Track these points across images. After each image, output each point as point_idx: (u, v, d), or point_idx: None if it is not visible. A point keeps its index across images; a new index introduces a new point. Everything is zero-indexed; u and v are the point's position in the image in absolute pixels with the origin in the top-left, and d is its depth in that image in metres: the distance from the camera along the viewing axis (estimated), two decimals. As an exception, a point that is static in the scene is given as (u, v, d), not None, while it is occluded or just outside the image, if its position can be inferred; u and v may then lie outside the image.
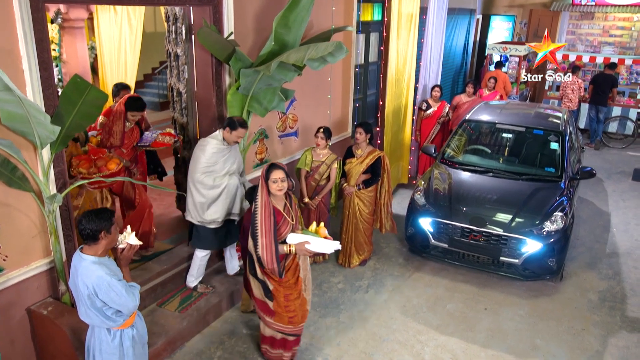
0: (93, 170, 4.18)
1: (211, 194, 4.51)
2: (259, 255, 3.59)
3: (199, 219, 4.60)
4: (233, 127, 4.46)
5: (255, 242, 3.58)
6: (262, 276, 3.75)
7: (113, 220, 2.96)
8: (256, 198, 3.61)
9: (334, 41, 4.39)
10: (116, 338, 2.98)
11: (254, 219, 3.58)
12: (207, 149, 4.46)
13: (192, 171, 4.52)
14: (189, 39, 4.94)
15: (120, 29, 7.37)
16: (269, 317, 3.89)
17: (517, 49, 11.66)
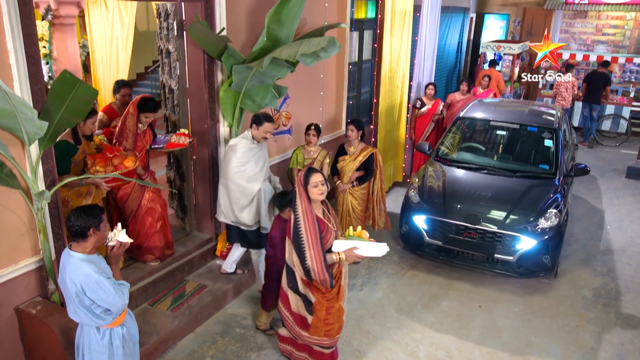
0: (110, 169, 4.06)
1: (244, 195, 4.51)
2: (307, 268, 3.37)
3: (232, 219, 4.62)
4: (259, 122, 4.48)
5: (302, 254, 3.36)
6: (305, 290, 3.53)
7: (102, 217, 2.92)
8: (295, 207, 3.41)
9: (326, 36, 4.35)
10: (106, 337, 2.94)
11: (297, 230, 3.37)
12: (238, 148, 4.48)
13: (225, 171, 4.55)
14: (180, 35, 4.90)
15: (112, 27, 7.30)
16: (303, 331, 3.68)
17: (511, 47, 11.67)
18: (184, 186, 5.42)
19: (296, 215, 3.42)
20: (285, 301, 3.72)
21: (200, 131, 5.11)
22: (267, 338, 4.48)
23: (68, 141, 4.05)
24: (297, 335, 3.71)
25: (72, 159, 4.06)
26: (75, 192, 4.11)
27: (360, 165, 5.44)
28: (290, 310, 3.68)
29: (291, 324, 3.70)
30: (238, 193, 4.53)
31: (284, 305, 3.74)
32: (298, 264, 3.44)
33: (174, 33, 4.90)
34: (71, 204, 4.09)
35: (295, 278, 3.52)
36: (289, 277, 3.60)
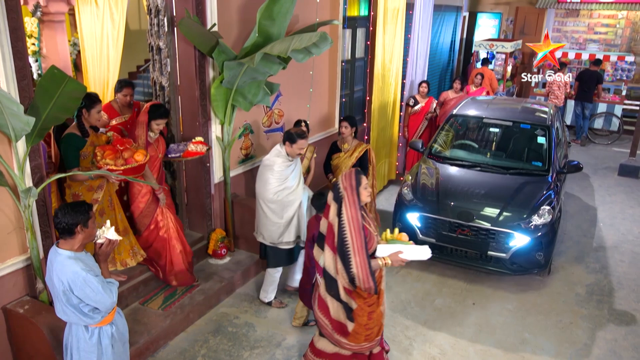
0: (120, 162, 3.94)
1: (287, 212, 4.47)
2: (352, 276, 3.18)
3: (272, 240, 4.56)
4: (292, 140, 4.42)
5: (348, 261, 3.17)
6: (347, 297, 3.33)
7: (90, 214, 2.86)
8: (340, 213, 3.21)
9: (318, 32, 4.32)
10: (94, 336, 2.88)
11: (343, 237, 3.19)
12: (275, 168, 4.43)
13: (263, 192, 4.47)
14: (171, 31, 4.84)
15: (103, 24, 7.21)
16: (343, 337, 3.45)
17: (504, 46, 11.70)
18: (176, 184, 5.37)
19: (341, 222, 3.21)
20: (323, 308, 3.50)
21: (192, 129, 5.05)
22: (262, 337, 4.44)
23: (75, 134, 3.97)
24: (336, 342, 3.50)
25: (80, 152, 3.98)
26: (87, 186, 4.05)
27: (356, 161, 5.42)
28: (329, 317, 3.47)
29: (330, 331, 3.49)
30: (280, 212, 4.46)
31: (323, 313, 3.52)
32: (342, 271, 3.24)
33: (165, 29, 4.83)
34: (82, 198, 4.02)
35: (337, 285, 3.33)
36: (329, 284, 3.38)
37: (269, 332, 4.52)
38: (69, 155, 3.95)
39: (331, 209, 3.29)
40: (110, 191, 4.29)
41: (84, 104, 3.93)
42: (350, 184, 3.23)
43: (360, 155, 5.41)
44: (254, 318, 4.71)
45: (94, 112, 4.03)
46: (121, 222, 4.39)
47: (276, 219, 4.49)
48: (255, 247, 5.44)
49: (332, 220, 3.28)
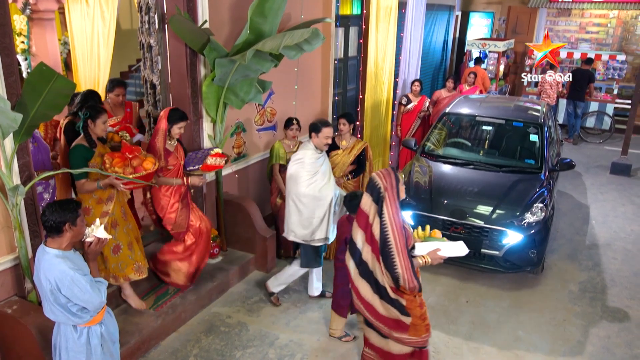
0: (129, 171, 3.83)
1: (320, 207, 4.39)
2: (396, 277, 3.12)
3: (304, 238, 4.48)
4: (317, 130, 4.38)
5: (392, 262, 3.11)
6: (395, 294, 3.25)
7: (79, 212, 2.82)
8: (382, 213, 3.12)
9: (309, 28, 4.29)
10: (83, 335, 2.84)
11: (386, 238, 3.10)
12: (305, 161, 4.39)
13: (295, 188, 4.41)
14: (162, 28, 4.79)
15: (93, 22, 7.15)
16: (403, 333, 3.36)
17: (496, 45, 11.73)
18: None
19: (383, 222, 3.11)
20: (373, 311, 3.37)
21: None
22: (255, 336, 4.41)
23: (84, 145, 3.87)
24: (398, 340, 3.39)
25: (89, 163, 3.86)
26: (96, 199, 3.96)
27: (355, 159, 5.42)
28: (383, 318, 3.36)
29: (388, 331, 3.38)
30: (313, 206, 4.39)
31: (374, 315, 3.39)
32: (386, 272, 3.18)
33: (155, 27, 4.79)
34: (92, 211, 3.94)
35: (385, 286, 3.25)
36: (376, 286, 3.29)
37: (262, 331, 4.49)
38: (77, 166, 3.82)
39: (370, 212, 3.18)
40: (122, 201, 4.19)
41: (89, 114, 3.84)
42: (390, 183, 3.14)
43: (358, 153, 5.40)
44: (246, 317, 4.67)
45: (100, 122, 3.89)
46: (133, 232, 4.30)
47: (308, 215, 4.41)
48: (248, 246, 5.43)
49: (372, 222, 3.18)
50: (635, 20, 12.54)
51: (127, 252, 4.15)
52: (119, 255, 4.12)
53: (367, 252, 3.26)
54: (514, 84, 13.30)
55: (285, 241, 5.60)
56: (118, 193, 4.07)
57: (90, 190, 3.87)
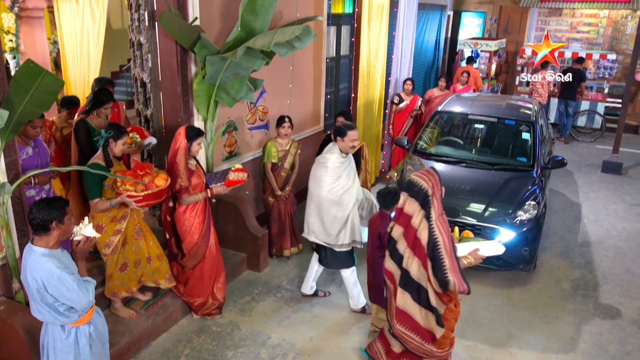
0: (140, 188, 3.76)
1: (341, 212, 4.33)
2: (447, 281, 3.03)
3: (327, 241, 4.43)
4: (342, 134, 4.33)
5: (442, 265, 3.01)
6: (437, 302, 3.17)
7: (66, 210, 2.77)
8: (430, 215, 3.03)
9: (301, 25, 4.27)
10: (71, 335, 2.79)
11: (434, 240, 3.01)
12: (328, 164, 4.34)
13: (317, 191, 4.37)
14: (152, 25, 4.75)
15: (83, 21, 7.10)
16: (433, 346, 3.28)
17: (488, 45, 11.75)
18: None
19: (431, 225, 3.01)
20: (407, 321, 3.28)
21: (174, 125, 4.94)
22: (247, 336, 4.37)
23: (99, 163, 3.80)
24: (426, 353, 3.33)
25: (104, 182, 3.81)
26: (110, 217, 3.91)
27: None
28: (417, 328, 3.26)
29: (419, 344, 3.30)
30: (334, 211, 4.33)
31: (407, 326, 3.29)
32: (432, 277, 3.10)
33: (145, 24, 4.75)
34: (105, 229, 3.90)
35: (427, 293, 3.16)
36: (418, 294, 3.18)
37: (254, 330, 4.45)
38: (92, 185, 3.77)
39: (415, 216, 3.09)
40: (138, 219, 4.13)
41: (112, 133, 3.80)
42: (436, 184, 3.08)
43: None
44: (238, 317, 4.63)
45: (120, 143, 3.88)
46: (152, 249, 4.24)
47: (329, 219, 4.35)
48: (239, 246, 5.39)
49: (417, 226, 3.09)
50: (625, 20, 12.62)
51: (132, 269, 4.15)
52: (125, 273, 4.10)
53: (409, 258, 3.16)
54: (505, 83, 13.35)
55: (277, 240, 5.57)
56: (132, 211, 4.00)
57: (104, 209, 3.81)
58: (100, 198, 3.81)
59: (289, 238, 5.58)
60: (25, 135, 3.87)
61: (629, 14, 12.47)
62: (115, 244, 3.97)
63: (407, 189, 3.19)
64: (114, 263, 4.03)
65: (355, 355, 4.21)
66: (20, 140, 3.86)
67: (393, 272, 3.34)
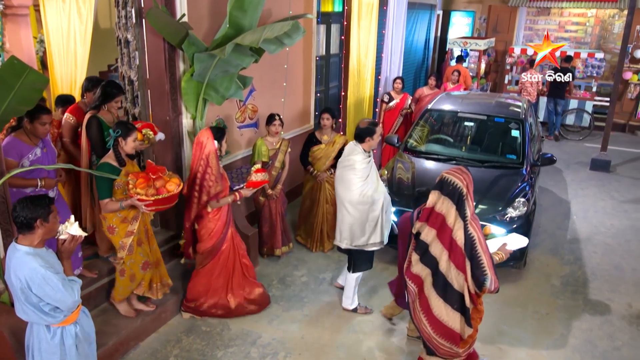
0: (152, 192, 3.70)
1: (374, 211, 4.27)
2: (484, 278, 2.98)
3: (358, 243, 4.35)
4: (371, 132, 4.27)
5: (480, 263, 2.96)
6: (470, 303, 3.13)
7: (51, 208, 2.72)
8: (465, 214, 2.99)
9: (289, 21, 4.24)
10: (56, 336, 2.74)
11: (471, 238, 2.97)
12: (357, 166, 4.25)
13: (347, 194, 4.26)
14: (139, 23, 4.71)
15: (69, 19, 6.98)
16: (460, 347, 3.24)
17: (477, 44, 11.80)
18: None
19: (467, 224, 2.98)
20: (438, 324, 3.19)
21: (162, 124, 4.91)
22: (237, 335, 4.33)
23: (110, 163, 3.73)
24: (452, 355, 3.28)
25: (114, 182, 3.73)
26: (121, 218, 3.84)
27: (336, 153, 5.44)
28: (448, 332, 3.18)
29: (448, 348, 3.22)
30: (367, 211, 4.27)
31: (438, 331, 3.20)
32: (470, 277, 3.03)
33: (133, 21, 4.70)
34: (117, 230, 3.84)
35: (460, 294, 3.10)
36: (451, 298, 3.11)
37: (244, 330, 4.41)
38: (102, 185, 3.69)
39: (449, 215, 3.03)
40: (146, 221, 4.06)
41: (120, 132, 3.71)
42: (469, 181, 3.05)
43: (340, 147, 5.42)
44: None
45: (130, 140, 3.77)
46: (154, 254, 4.20)
47: (363, 220, 4.29)
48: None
49: (452, 225, 3.03)
50: (612, 19, 12.72)
51: (153, 269, 4.12)
52: (147, 272, 4.07)
53: (445, 262, 3.08)
54: (495, 82, 13.40)
55: (268, 239, 5.53)
56: (143, 214, 3.94)
57: (114, 210, 3.75)
58: (110, 198, 3.73)
59: (280, 237, 5.55)
60: (35, 135, 3.77)
61: (616, 13, 12.57)
62: (129, 244, 3.90)
63: (440, 188, 3.11)
64: (133, 263, 3.97)
65: (346, 354, 4.19)
66: (29, 140, 3.77)
67: (422, 276, 3.23)
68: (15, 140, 3.73)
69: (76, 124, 4.52)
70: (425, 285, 3.21)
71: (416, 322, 3.35)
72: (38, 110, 3.71)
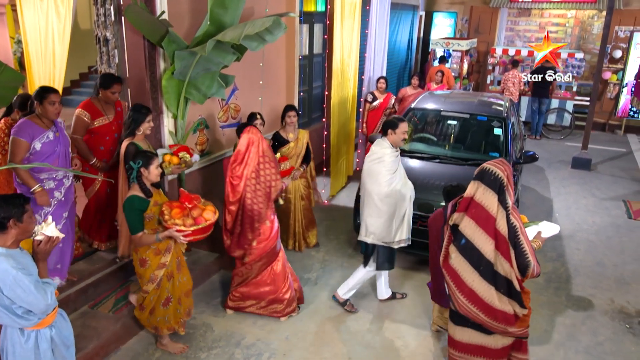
0: (190, 222, 3.55)
1: (402, 206, 4.27)
2: (527, 264, 3.07)
3: (383, 239, 4.33)
4: (394, 126, 4.25)
5: (522, 250, 3.07)
6: (519, 287, 3.19)
7: (26, 208, 2.63)
8: (507, 203, 3.06)
9: (270, 17, 4.19)
10: (30, 339, 2.64)
11: (513, 226, 3.06)
12: (385, 159, 4.24)
13: (376, 189, 4.24)
14: (118, 20, 4.63)
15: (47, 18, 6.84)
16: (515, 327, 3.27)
17: (460, 44, 11.88)
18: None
19: (509, 213, 3.06)
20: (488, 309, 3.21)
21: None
22: (220, 337, 4.26)
23: (137, 196, 3.57)
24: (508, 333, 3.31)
25: (144, 214, 3.59)
26: (154, 250, 3.70)
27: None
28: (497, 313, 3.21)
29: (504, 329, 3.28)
30: (396, 206, 4.26)
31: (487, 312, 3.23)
32: (515, 264, 3.11)
33: (112, 19, 4.63)
34: (149, 263, 3.70)
35: (509, 281, 3.15)
36: (500, 284, 3.16)
37: (227, 331, 4.35)
38: (133, 219, 3.57)
39: (492, 205, 3.07)
40: (178, 252, 3.91)
41: (141, 163, 3.55)
42: (511, 172, 3.13)
43: (306, 142, 5.44)
44: (211, 318, 4.53)
45: (153, 168, 3.61)
46: (184, 285, 4.02)
47: (391, 215, 4.28)
48: (212, 246, 5.27)
49: (495, 214, 3.07)
50: (592, 20, 12.92)
51: (176, 306, 3.96)
52: (168, 308, 3.91)
53: (490, 250, 3.13)
54: (477, 83, 13.51)
55: None
56: (175, 244, 3.81)
57: (149, 243, 3.62)
58: (143, 232, 3.60)
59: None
60: (46, 117, 3.76)
61: (595, 14, 12.77)
62: (160, 278, 3.75)
63: (480, 178, 3.15)
64: (156, 298, 3.82)
65: (330, 354, 4.15)
66: (41, 122, 3.76)
67: (460, 267, 3.26)
68: (28, 122, 3.74)
69: (90, 120, 4.41)
70: (465, 275, 3.25)
71: (464, 312, 3.37)
72: (45, 90, 3.77)
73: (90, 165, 4.48)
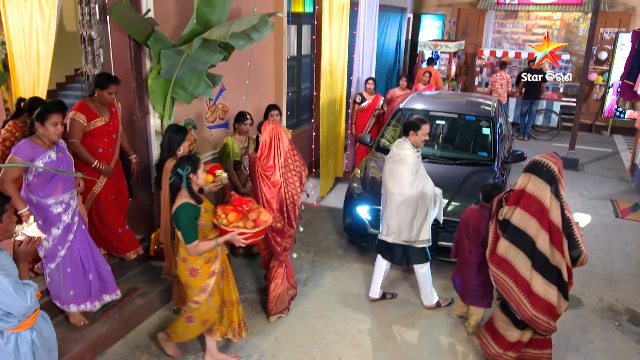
0: (250, 225, 3.50)
1: (424, 206, 4.29)
2: (579, 252, 3.27)
3: (408, 239, 4.35)
4: (416, 127, 4.24)
5: (575, 240, 3.24)
6: (567, 277, 3.36)
7: (6, 208, 2.56)
8: (560, 195, 3.21)
9: (257, 14, 4.16)
10: (10, 342, 2.57)
11: (568, 218, 3.21)
12: (407, 160, 4.25)
13: (398, 189, 4.27)
14: (103, 19, 4.56)
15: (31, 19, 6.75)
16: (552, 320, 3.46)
17: (447, 46, 11.93)
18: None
19: (562, 203, 3.21)
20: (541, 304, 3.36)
21: (129, 123, 4.77)
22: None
23: (190, 203, 3.43)
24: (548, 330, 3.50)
25: (197, 222, 3.47)
26: (205, 258, 3.57)
27: None
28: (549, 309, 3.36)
29: (546, 323, 3.43)
30: (418, 206, 4.27)
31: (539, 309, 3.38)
32: (567, 253, 3.27)
33: (97, 18, 4.56)
34: (200, 272, 3.57)
35: (559, 271, 3.29)
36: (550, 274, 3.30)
37: (216, 333, 4.28)
38: (187, 228, 3.42)
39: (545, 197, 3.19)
40: (223, 258, 3.77)
41: (190, 169, 3.43)
42: (562, 165, 3.24)
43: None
44: (199, 320, 4.46)
45: (201, 171, 3.51)
46: (233, 291, 3.91)
47: (412, 215, 4.29)
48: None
49: (548, 206, 3.20)
50: (577, 22, 13.04)
51: (230, 309, 3.88)
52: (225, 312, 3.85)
53: (543, 241, 3.25)
54: (465, 84, 13.58)
55: None
56: (221, 250, 3.70)
57: (208, 249, 3.50)
58: (198, 239, 3.47)
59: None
60: (48, 138, 3.57)
61: (580, 16, 12.89)
62: (211, 287, 3.63)
63: (532, 170, 3.26)
64: (211, 307, 3.69)
65: (320, 354, 4.11)
66: (42, 143, 3.57)
67: (515, 259, 3.36)
68: (29, 142, 3.53)
69: (86, 123, 4.22)
70: (519, 267, 3.35)
71: (514, 306, 3.44)
72: (47, 110, 3.55)
73: (91, 169, 4.25)
